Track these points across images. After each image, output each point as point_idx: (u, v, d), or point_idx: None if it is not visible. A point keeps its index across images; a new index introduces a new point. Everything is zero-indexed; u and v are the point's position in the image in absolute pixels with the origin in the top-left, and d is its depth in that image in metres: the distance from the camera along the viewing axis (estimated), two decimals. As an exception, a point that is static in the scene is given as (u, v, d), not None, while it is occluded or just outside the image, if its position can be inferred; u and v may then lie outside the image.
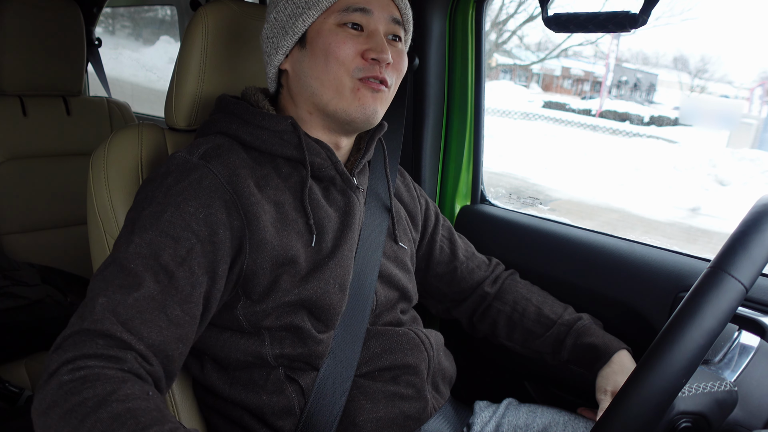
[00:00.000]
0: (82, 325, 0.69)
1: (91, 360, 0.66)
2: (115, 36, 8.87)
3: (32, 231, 1.82)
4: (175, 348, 0.73)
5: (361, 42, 0.85)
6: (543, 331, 1.09)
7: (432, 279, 1.17)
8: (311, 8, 0.85)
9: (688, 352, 0.59)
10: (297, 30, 0.86)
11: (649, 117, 7.30)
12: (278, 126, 0.87)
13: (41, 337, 1.57)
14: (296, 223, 0.85)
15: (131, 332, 0.69)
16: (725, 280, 0.61)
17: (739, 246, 0.62)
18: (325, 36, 0.85)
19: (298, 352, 0.86)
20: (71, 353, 0.66)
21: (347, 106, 0.86)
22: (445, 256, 1.16)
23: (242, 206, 0.80)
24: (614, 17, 0.95)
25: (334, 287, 0.87)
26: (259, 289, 0.82)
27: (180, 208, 0.77)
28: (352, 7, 0.84)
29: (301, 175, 0.88)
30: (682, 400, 0.72)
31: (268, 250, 0.81)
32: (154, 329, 0.71)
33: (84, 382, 0.64)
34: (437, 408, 0.99)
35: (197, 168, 0.80)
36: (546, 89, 9.68)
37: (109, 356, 0.67)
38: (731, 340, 0.86)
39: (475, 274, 1.17)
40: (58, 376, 0.65)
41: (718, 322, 0.60)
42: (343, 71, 0.84)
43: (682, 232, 4.98)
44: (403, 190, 1.12)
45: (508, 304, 1.14)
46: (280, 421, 0.87)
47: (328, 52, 0.84)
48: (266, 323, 0.84)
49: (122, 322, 0.69)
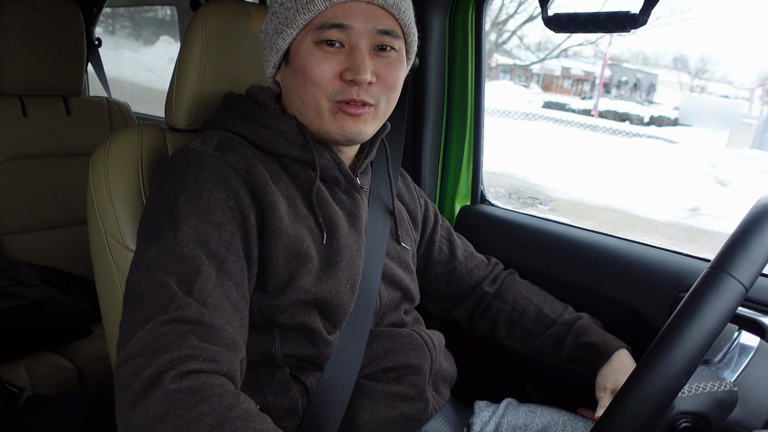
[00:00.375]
0: (166, 314, 0.65)
1: (191, 362, 0.63)
2: (115, 36, 8.88)
3: (32, 231, 1.82)
4: (241, 332, 0.72)
5: (340, 61, 0.81)
6: (543, 330, 1.09)
7: (431, 279, 1.17)
8: (289, 26, 0.82)
9: (688, 352, 0.59)
10: (279, 47, 0.84)
11: (649, 117, 7.30)
12: (283, 126, 0.86)
13: (41, 337, 1.57)
14: (308, 219, 0.85)
15: (215, 315, 0.68)
16: (725, 280, 0.61)
17: (739, 246, 0.62)
18: (302, 55, 0.82)
19: (307, 353, 0.86)
20: (167, 354, 0.63)
21: (329, 127, 0.84)
22: (443, 256, 1.16)
23: (260, 194, 0.80)
24: (614, 17, 0.95)
25: (345, 287, 0.86)
26: (273, 280, 0.81)
27: (213, 194, 0.76)
28: (328, 24, 0.80)
29: (307, 174, 0.88)
30: (682, 400, 0.72)
31: (282, 240, 0.80)
32: (225, 313, 0.70)
33: (193, 393, 0.60)
34: (438, 408, 0.99)
35: (215, 158, 0.79)
36: (546, 89, 9.67)
37: (207, 357, 0.65)
38: (731, 340, 0.86)
39: (474, 273, 1.17)
40: (162, 386, 0.60)
41: (717, 322, 0.60)
42: (321, 93, 0.81)
43: (682, 232, 4.98)
44: (404, 191, 1.12)
45: (507, 304, 1.14)
46: (284, 421, 0.87)
47: (305, 73, 0.81)
48: (280, 320, 0.84)
49: (203, 304, 0.68)
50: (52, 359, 1.57)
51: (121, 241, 0.92)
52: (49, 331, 1.58)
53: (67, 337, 1.63)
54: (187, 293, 0.68)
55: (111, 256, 0.94)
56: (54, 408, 1.33)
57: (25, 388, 1.45)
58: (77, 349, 1.63)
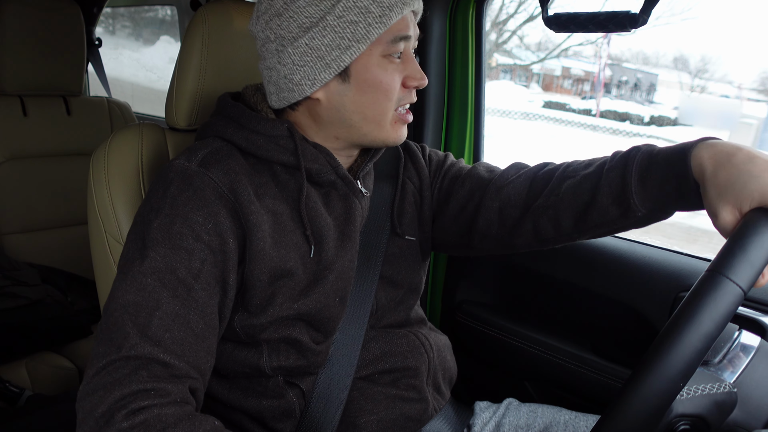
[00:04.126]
0: (119, 353, 0.67)
1: (143, 398, 0.65)
2: (115, 36, 8.87)
3: (32, 231, 1.82)
4: (205, 361, 0.74)
5: (400, 70, 0.83)
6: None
7: (481, 226, 0.97)
8: (360, 41, 0.78)
9: (686, 355, 0.59)
10: (341, 64, 0.79)
11: (650, 117, 7.31)
12: (274, 131, 0.83)
13: (42, 337, 1.57)
14: (294, 234, 0.82)
15: (168, 352, 0.69)
16: (723, 284, 0.60)
17: (737, 249, 0.62)
18: (374, 71, 0.80)
19: (296, 364, 0.85)
20: (118, 391, 0.65)
21: (386, 136, 0.85)
22: (465, 192, 0.98)
23: (243, 214, 0.78)
24: (614, 17, 0.95)
25: (334, 300, 0.85)
26: (255, 301, 0.80)
27: (188, 218, 0.75)
28: (399, 36, 0.80)
29: (298, 182, 0.85)
30: (680, 403, 0.72)
31: (266, 262, 0.79)
32: (186, 345, 0.71)
33: (148, 428, 0.63)
34: (438, 409, 0.99)
35: (197, 175, 0.77)
36: (546, 89, 9.68)
37: (159, 389, 0.66)
38: (731, 340, 0.86)
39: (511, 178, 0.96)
40: (115, 425, 0.63)
41: (715, 325, 0.60)
42: (390, 105, 0.83)
43: (682, 231, 4.97)
44: (414, 173, 1.03)
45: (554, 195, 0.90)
46: (281, 423, 0.86)
47: (378, 88, 0.81)
48: (264, 336, 0.83)
49: (157, 342, 0.69)
50: (52, 359, 1.57)
51: (121, 240, 0.92)
52: (50, 331, 1.58)
53: (67, 337, 1.63)
54: (143, 330, 0.69)
55: (111, 256, 0.94)
56: (54, 408, 1.33)
57: (25, 388, 1.45)
58: (77, 349, 1.63)
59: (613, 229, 0.86)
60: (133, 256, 0.75)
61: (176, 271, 0.73)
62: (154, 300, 0.71)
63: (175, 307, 0.71)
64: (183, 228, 0.74)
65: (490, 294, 1.39)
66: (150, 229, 0.75)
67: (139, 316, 0.70)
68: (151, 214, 0.76)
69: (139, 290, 0.71)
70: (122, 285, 0.72)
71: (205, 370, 0.74)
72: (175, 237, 0.74)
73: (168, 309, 0.71)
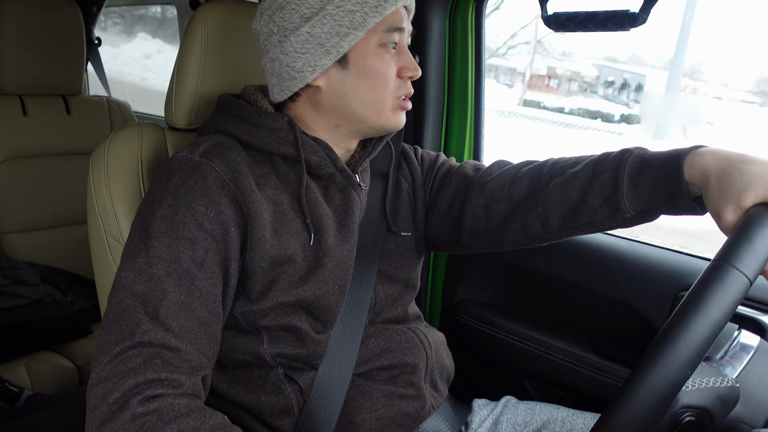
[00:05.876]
0: (132, 339, 0.69)
1: (157, 387, 0.67)
2: (106, 32, 8.83)
3: (32, 230, 1.83)
4: (209, 348, 0.76)
5: (396, 60, 0.86)
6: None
7: (468, 223, 0.98)
8: (358, 29, 0.82)
9: (694, 343, 0.59)
10: (340, 50, 0.83)
11: (620, 115, 7.35)
12: (274, 124, 0.86)
13: (42, 336, 1.57)
14: (294, 222, 0.85)
15: (179, 339, 0.71)
16: (730, 273, 0.61)
17: (743, 240, 0.62)
18: (371, 58, 0.84)
19: (296, 352, 0.86)
20: (133, 379, 0.67)
21: (386, 122, 0.88)
22: (452, 190, 1.00)
23: (245, 203, 0.80)
24: (613, 16, 0.95)
25: (333, 288, 0.87)
26: (256, 287, 0.82)
27: (190, 208, 0.77)
28: (393, 27, 0.85)
29: (298, 173, 0.88)
30: (686, 394, 0.73)
31: (266, 249, 0.81)
32: (193, 333, 0.73)
33: (161, 415, 0.65)
34: (435, 406, 0.99)
35: (199, 166, 0.80)
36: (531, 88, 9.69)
37: (172, 380, 0.69)
38: (731, 339, 0.87)
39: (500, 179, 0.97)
40: (130, 409, 0.65)
41: (723, 313, 0.60)
42: (388, 93, 0.86)
43: (682, 231, 4.98)
44: (408, 173, 1.04)
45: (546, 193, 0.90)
46: (279, 420, 0.87)
47: (375, 75, 0.85)
48: (264, 323, 0.84)
49: (168, 329, 0.71)
50: (52, 359, 1.57)
51: (121, 240, 0.93)
52: (50, 330, 1.58)
53: (67, 337, 1.63)
54: (154, 317, 0.71)
55: (111, 256, 0.95)
56: (54, 408, 1.33)
57: (25, 388, 1.45)
58: (77, 348, 1.63)
59: (600, 228, 0.88)
60: (137, 246, 0.76)
61: (180, 261, 0.74)
62: (160, 290, 0.73)
63: (180, 296, 0.73)
64: (186, 218, 0.76)
65: (490, 293, 1.39)
66: (153, 220, 0.77)
67: (147, 305, 0.72)
68: (154, 205, 0.78)
69: (147, 281, 0.73)
70: (129, 275, 0.74)
71: (211, 357, 0.76)
72: (178, 227, 0.76)
73: (174, 298, 0.73)
